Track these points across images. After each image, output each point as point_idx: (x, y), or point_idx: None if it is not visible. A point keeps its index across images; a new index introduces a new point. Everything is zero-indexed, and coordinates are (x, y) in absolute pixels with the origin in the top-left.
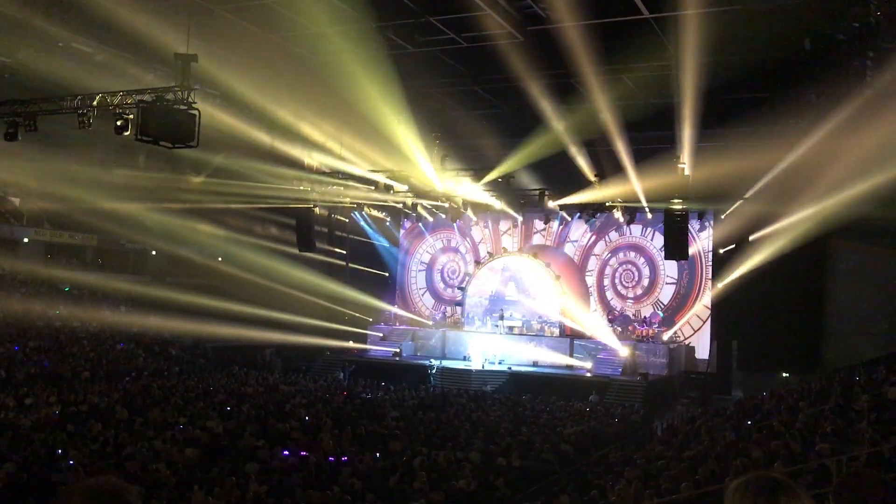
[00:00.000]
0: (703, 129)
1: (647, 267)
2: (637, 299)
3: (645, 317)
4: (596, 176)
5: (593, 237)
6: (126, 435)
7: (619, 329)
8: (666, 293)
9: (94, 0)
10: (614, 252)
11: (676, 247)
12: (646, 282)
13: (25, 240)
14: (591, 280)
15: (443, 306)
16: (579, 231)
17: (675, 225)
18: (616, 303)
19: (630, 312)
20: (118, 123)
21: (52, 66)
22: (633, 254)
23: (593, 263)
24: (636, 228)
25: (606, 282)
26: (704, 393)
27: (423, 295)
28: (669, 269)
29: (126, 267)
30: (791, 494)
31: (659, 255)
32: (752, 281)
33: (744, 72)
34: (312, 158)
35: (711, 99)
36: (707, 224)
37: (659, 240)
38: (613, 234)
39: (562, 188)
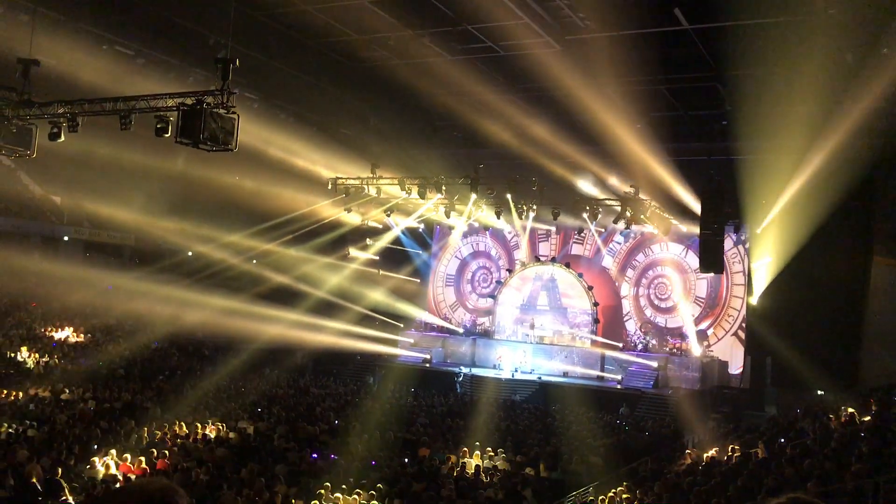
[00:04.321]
0: (741, 142)
1: (679, 279)
2: (669, 311)
3: (678, 328)
4: (631, 187)
5: (630, 250)
6: (158, 433)
7: (653, 342)
8: (695, 306)
9: (138, 3)
10: (650, 266)
11: (712, 260)
12: (678, 294)
13: (66, 238)
14: (626, 291)
15: (470, 315)
16: (616, 243)
17: (710, 238)
18: (651, 315)
19: (664, 324)
20: (158, 126)
21: (95, 68)
22: (667, 268)
23: (629, 275)
24: (671, 245)
25: (642, 294)
26: (737, 409)
27: (451, 304)
28: (699, 281)
29: (162, 267)
30: None
31: (689, 268)
32: (788, 296)
33: (784, 85)
34: (346, 168)
35: (750, 111)
36: (742, 237)
37: (690, 254)
38: (649, 248)
39: (595, 199)
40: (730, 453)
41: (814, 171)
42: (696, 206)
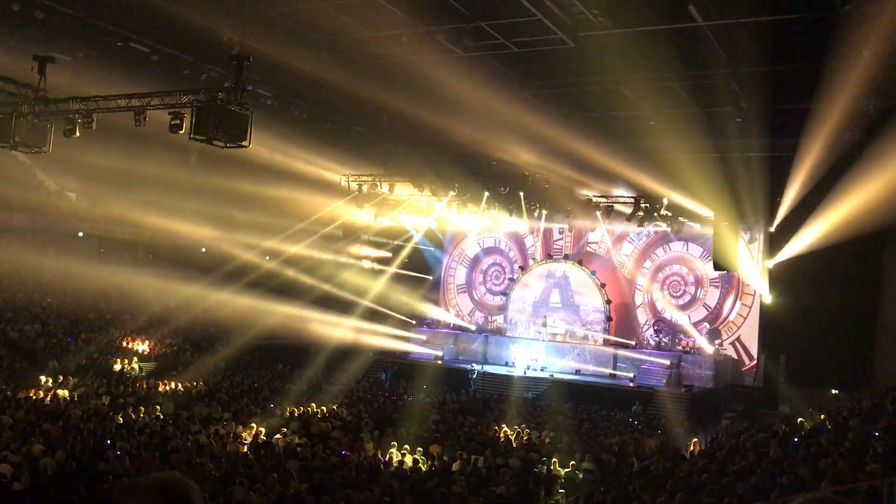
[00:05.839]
0: (756, 139)
1: (692, 277)
2: (683, 307)
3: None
4: (644, 186)
5: (643, 248)
6: (171, 428)
7: (666, 339)
8: (710, 298)
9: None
10: (663, 264)
11: (725, 258)
12: (691, 290)
13: (80, 234)
14: (638, 289)
15: (481, 312)
16: (629, 241)
17: (723, 236)
18: (665, 312)
19: (677, 321)
20: (172, 123)
21: (110, 65)
22: (678, 266)
23: (642, 274)
24: (681, 244)
25: (655, 293)
26: (750, 407)
27: (460, 296)
28: (711, 277)
29: (177, 263)
30: None
31: (701, 266)
32: (802, 294)
33: (799, 82)
34: (359, 165)
35: (764, 108)
36: (756, 236)
37: (699, 251)
38: (662, 247)
39: (608, 198)
40: (742, 451)
41: (826, 168)
42: (709, 205)
